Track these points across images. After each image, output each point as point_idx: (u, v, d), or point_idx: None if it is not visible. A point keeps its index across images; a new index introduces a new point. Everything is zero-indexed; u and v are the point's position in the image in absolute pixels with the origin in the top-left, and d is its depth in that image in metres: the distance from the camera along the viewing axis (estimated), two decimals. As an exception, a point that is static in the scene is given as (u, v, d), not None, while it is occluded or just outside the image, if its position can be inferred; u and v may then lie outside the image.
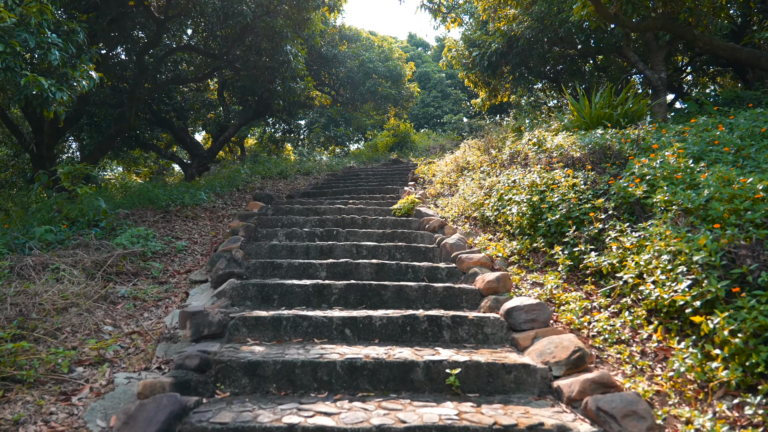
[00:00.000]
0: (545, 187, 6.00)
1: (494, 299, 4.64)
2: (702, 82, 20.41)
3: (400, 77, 19.55)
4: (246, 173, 13.80)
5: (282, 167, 14.94)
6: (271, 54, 12.11)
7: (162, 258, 6.77)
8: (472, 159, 10.05)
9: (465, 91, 32.90)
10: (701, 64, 18.16)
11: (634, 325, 3.88)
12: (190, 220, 8.83)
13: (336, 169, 16.89)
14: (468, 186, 8.35)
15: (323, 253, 6.19)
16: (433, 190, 10.00)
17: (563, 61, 15.16)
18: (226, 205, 10.41)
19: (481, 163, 9.21)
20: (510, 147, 8.44)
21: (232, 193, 11.88)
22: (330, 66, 18.88)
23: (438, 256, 6.19)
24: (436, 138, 27.89)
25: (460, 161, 10.75)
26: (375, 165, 18.52)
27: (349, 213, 8.18)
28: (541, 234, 5.69)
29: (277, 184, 13.61)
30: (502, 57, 14.49)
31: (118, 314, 5.03)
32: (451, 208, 8.06)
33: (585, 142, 6.73)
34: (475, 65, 15.71)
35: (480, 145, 10.72)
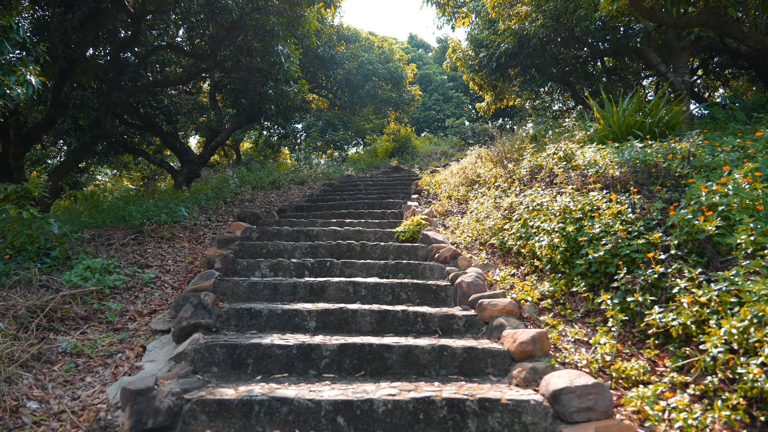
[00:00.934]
0: (582, 213, 4.95)
1: (531, 369, 3.59)
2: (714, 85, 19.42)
3: (401, 80, 18.52)
4: (235, 183, 12.75)
5: (274, 176, 13.90)
6: (262, 54, 11.07)
7: (124, 294, 5.71)
8: (483, 171, 9.01)
9: (467, 94, 31.87)
10: (715, 67, 17.16)
11: (732, 422, 2.83)
12: (166, 242, 7.77)
13: (333, 177, 15.84)
14: (482, 205, 7.31)
15: (313, 292, 5.13)
16: (440, 207, 8.95)
17: (575, 63, 14.14)
18: (209, 222, 9.36)
19: (495, 177, 8.16)
20: (529, 160, 7.39)
21: (218, 207, 10.83)
22: (327, 68, 17.84)
23: (452, 297, 5.14)
24: (437, 143, 26.86)
25: (469, 173, 9.71)
26: (375, 173, 17.48)
27: (346, 237, 7.11)
28: (580, 273, 4.64)
29: (269, 196, 12.57)
30: (511, 58, 13.45)
31: (53, 380, 3.98)
32: (463, 232, 7.02)
33: (624, 157, 5.69)
34: (482, 67, 14.68)
35: (491, 156, 9.67)
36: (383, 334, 4.35)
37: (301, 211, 10.49)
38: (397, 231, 7.04)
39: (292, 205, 10.80)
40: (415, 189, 11.36)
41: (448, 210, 8.66)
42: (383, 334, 4.38)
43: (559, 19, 11.45)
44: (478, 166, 9.83)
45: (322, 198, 11.61)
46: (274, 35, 10.15)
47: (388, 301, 5.08)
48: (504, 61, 13.42)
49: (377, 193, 11.81)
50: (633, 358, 3.64)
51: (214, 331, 4.33)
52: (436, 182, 11.42)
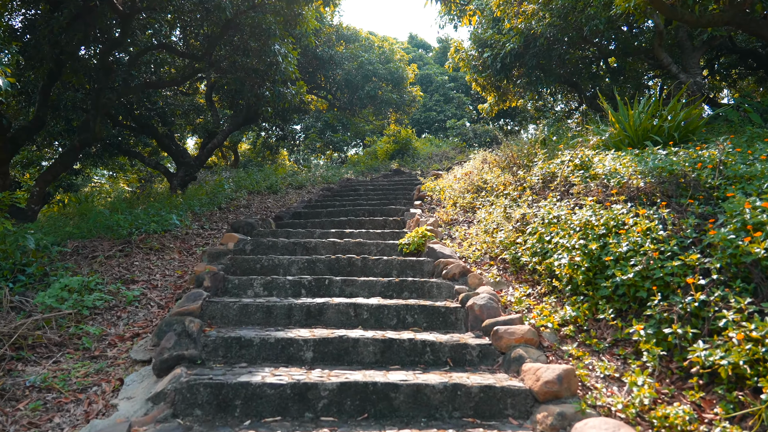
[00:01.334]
0: (605, 229, 4.50)
1: (558, 414, 3.13)
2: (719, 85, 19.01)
3: (402, 80, 18.07)
4: (231, 188, 12.30)
5: (272, 180, 13.44)
6: (259, 55, 10.62)
7: (105, 315, 5.26)
8: (490, 178, 8.56)
9: (468, 95, 31.44)
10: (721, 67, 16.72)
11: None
12: (155, 253, 7.32)
13: (332, 181, 15.39)
14: (491, 215, 6.86)
15: (311, 315, 4.67)
16: (444, 215, 8.50)
17: (579, 64, 13.69)
18: (202, 230, 8.91)
19: (504, 185, 7.71)
20: (541, 167, 6.94)
21: (212, 214, 10.38)
22: (326, 68, 17.40)
23: (463, 321, 4.69)
24: (438, 144, 26.41)
25: (474, 179, 9.25)
26: (375, 176, 17.03)
27: (346, 251, 6.65)
28: (605, 296, 4.19)
29: (266, 201, 12.11)
30: (516, 59, 13.01)
31: (16, 422, 3.52)
32: (472, 244, 6.56)
33: (647, 166, 5.24)
34: (486, 68, 14.24)
35: (498, 161, 9.22)
36: (388, 366, 3.90)
37: (298, 218, 10.04)
38: (400, 243, 6.58)
39: (290, 211, 10.34)
40: (417, 194, 10.91)
41: (453, 219, 8.21)
42: (388, 366, 3.92)
43: (567, 17, 11.00)
44: (484, 172, 9.38)
45: (320, 204, 11.16)
46: (271, 34, 9.70)
47: (393, 325, 4.63)
48: (509, 62, 12.98)
49: (378, 199, 11.36)
50: (675, 401, 3.19)
51: (200, 364, 3.88)
52: (440, 188, 10.97)
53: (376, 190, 12.71)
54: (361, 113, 19.92)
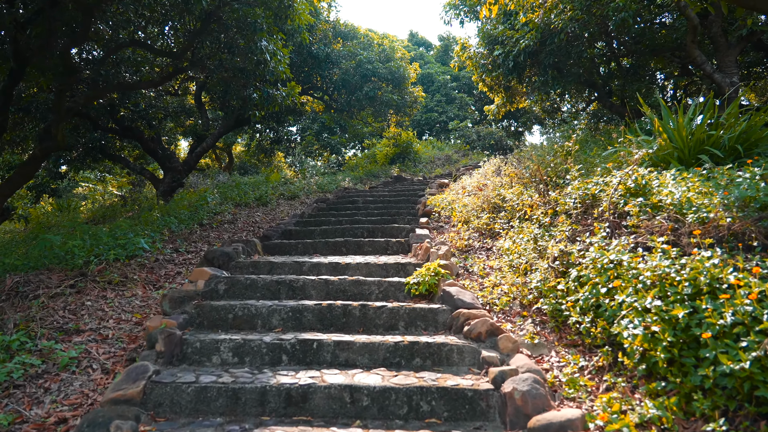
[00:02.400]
0: (692, 287, 3.30)
1: None
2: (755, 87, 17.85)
3: (404, 80, 16.85)
4: (215, 200, 11.08)
5: (261, 191, 12.22)
6: (245, 52, 9.42)
7: (29, 386, 4.06)
8: (510, 195, 7.35)
9: (471, 95, 30.25)
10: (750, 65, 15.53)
11: None
12: (114, 289, 6.12)
13: (328, 189, 14.18)
14: (516, 246, 5.65)
15: (291, 403, 3.46)
16: (457, 239, 7.29)
17: (598, 62, 12.49)
18: (176, 254, 7.71)
19: (531, 206, 6.48)
20: (577, 186, 5.72)
21: (192, 232, 9.18)
22: (322, 67, 16.18)
23: (497, 410, 3.47)
24: (441, 147, 25.23)
25: (490, 195, 8.05)
26: (374, 183, 15.83)
27: (342, 292, 5.40)
28: (702, 387, 3.00)
29: (254, 214, 10.90)
30: (531, 56, 11.81)
31: None
32: (496, 284, 5.35)
33: (732, 195, 4.04)
34: (496, 66, 13.03)
35: (520, 174, 8.02)
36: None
37: (289, 237, 8.85)
38: (408, 283, 5.36)
39: (279, 228, 9.14)
40: (423, 210, 9.70)
41: (468, 245, 7.00)
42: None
43: (591, 10, 9.80)
44: (501, 187, 8.18)
45: (314, 219, 9.94)
46: (257, 29, 8.49)
47: (403, 415, 3.42)
48: (522, 60, 11.77)
49: (378, 214, 10.15)
50: None
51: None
52: (448, 201, 9.78)
53: (376, 203, 11.50)
54: (359, 115, 18.70)
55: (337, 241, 8.10)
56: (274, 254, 8.16)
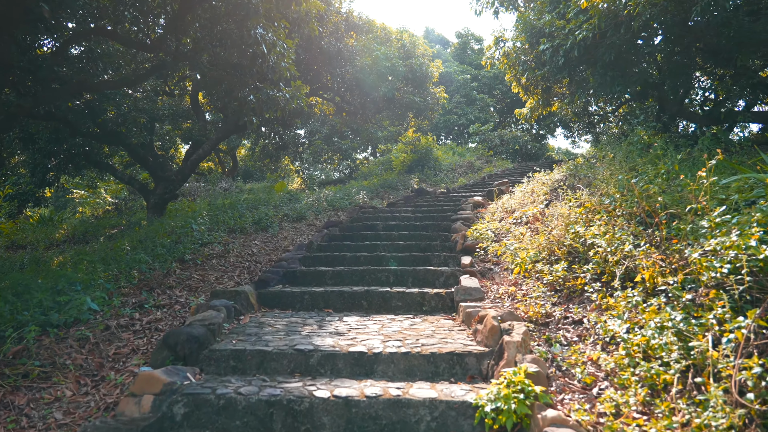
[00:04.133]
0: None
1: None
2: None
3: (426, 79, 14.81)
4: (204, 225, 9.08)
5: (261, 213, 10.20)
6: (237, 43, 7.44)
7: None
8: (599, 240, 5.28)
9: (492, 96, 28.14)
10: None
11: None
12: (29, 388, 4.13)
13: (340, 206, 12.16)
14: (643, 337, 3.59)
15: None
16: (526, 306, 5.23)
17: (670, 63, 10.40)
18: (139, 313, 5.71)
19: (653, 267, 4.38)
20: (732, 245, 3.63)
21: (168, 272, 7.19)
22: (333, 64, 14.18)
23: None
24: (462, 153, 23.17)
25: (560, 234, 6.00)
26: (393, 198, 13.79)
27: (369, 423, 3.36)
28: None
29: (251, 244, 8.90)
30: (587, 52, 9.75)
31: None
32: (628, 417, 3.28)
33: None
34: (541, 64, 10.98)
35: (603, 206, 5.96)
36: None
37: (292, 281, 6.89)
38: (479, 403, 3.30)
39: (280, 269, 7.16)
40: (462, 243, 7.65)
41: (546, 313, 4.93)
42: None
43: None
44: (574, 220, 6.12)
45: (324, 255, 7.92)
46: (250, 12, 6.48)
47: None
48: (577, 56, 9.70)
49: (405, 246, 8.12)
50: None
51: None
52: (493, 232, 7.75)
53: (400, 228, 9.47)
54: (374, 118, 16.68)
55: (356, 291, 6.11)
56: (273, 308, 6.19)
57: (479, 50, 31.52)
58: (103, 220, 16.97)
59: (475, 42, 31.65)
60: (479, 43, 31.62)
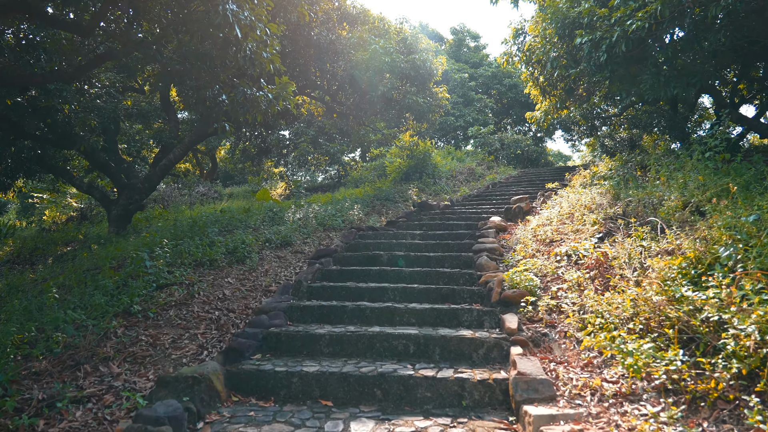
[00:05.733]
0: None
1: None
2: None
3: (430, 77, 12.98)
4: (163, 258, 7.17)
5: (237, 240, 8.27)
6: (205, 26, 5.57)
7: None
8: (708, 301, 3.51)
9: (490, 96, 26.41)
10: None
11: None
12: None
13: (331, 225, 10.30)
14: None
15: None
16: (615, 405, 3.44)
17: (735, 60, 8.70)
18: (42, 426, 3.84)
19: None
20: None
21: (105, 336, 5.32)
22: (324, 59, 12.32)
23: None
24: (461, 158, 21.41)
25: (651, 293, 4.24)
26: (392, 215, 11.97)
27: None
28: None
29: (223, 282, 7.02)
30: (637, 45, 8.00)
31: None
32: None
33: None
34: (574, 61, 9.24)
35: (722, 259, 4.21)
36: None
37: (274, 349, 5.13)
38: None
39: (259, 328, 5.36)
40: (498, 292, 5.84)
41: None
42: None
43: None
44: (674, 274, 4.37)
45: (317, 305, 6.06)
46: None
47: None
48: (625, 51, 7.95)
49: (422, 291, 6.29)
50: None
51: None
52: (540, 278, 5.98)
53: (410, 261, 7.64)
54: (369, 120, 14.84)
55: (365, 375, 4.34)
56: (248, 396, 4.43)
57: (476, 47, 29.81)
58: (60, 232, 14.94)
59: (472, 39, 29.90)
60: (475, 40, 29.89)
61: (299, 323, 5.75)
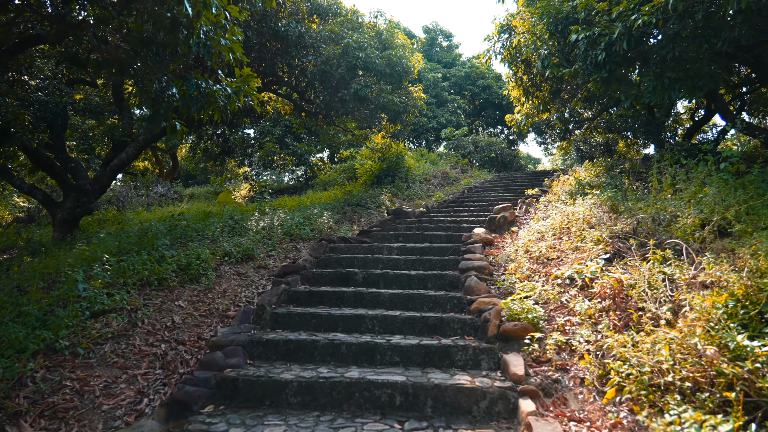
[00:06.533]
0: None
1: None
2: None
3: (407, 75, 12.11)
4: (102, 278, 6.12)
5: (191, 254, 7.23)
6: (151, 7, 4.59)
7: None
8: None
9: (464, 97, 25.73)
10: None
11: None
12: None
13: (300, 235, 9.35)
14: None
15: None
16: None
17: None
18: None
19: None
20: None
21: (20, 382, 4.29)
22: (292, 53, 11.35)
23: None
24: (434, 160, 20.63)
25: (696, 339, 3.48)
26: (365, 223, 11.07)
27: None
28: None
29: (172, 306, 6.03)
30: (640, 43, 7.30)
31: None
32: None
33: None
34: (567, 59, 8.50)
35: None
36: None
37: (230, 399, 4.23)
38: None
39: (210, 375, 4.41)
40: (497, 325, 4.99)
41: None
42: None
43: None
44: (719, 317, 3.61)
45: (282, 335, 5.14)
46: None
47: None
48: (626, 49, 7.22)
49: (405, 321, 5.42)
50: None
51: None
52: (542, 305, 5.17)
53: (388, 281, 6.76)
54: (339, 120, 13.90)
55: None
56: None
57: (448, 47, 29.11)
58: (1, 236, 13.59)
59: (444, 38, 29.19)
60: (448, 39, 29.18)
61: (261, 362, 4.82)
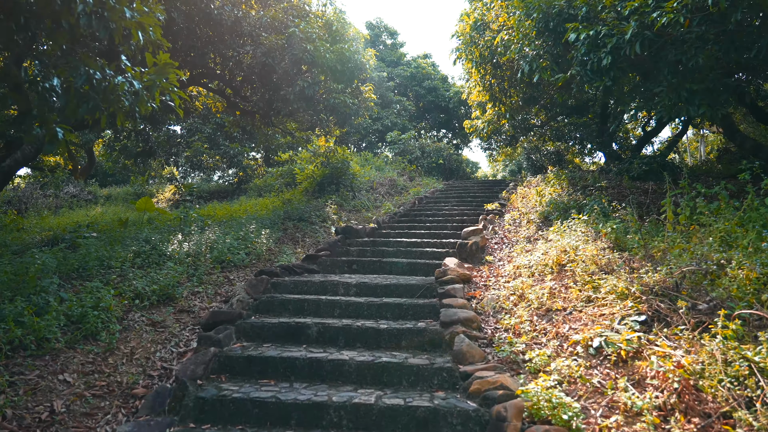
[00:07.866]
0: None
1: None
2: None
3: (359, 72, 10.59)
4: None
5: (87, 301, 5.42)
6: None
7: None
8: None
9: (408, 99, 24.45)
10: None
11: None
12: None
13: (234, 261, 7.67)
14: None
15: None
16: None
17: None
18: None
19: None
20: None
21: None
22: (227, 42, 9.61)
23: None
24: (380, 166, 19.19)
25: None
26: (311, 243, 9.47)
27: None
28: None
29: (53, 384, 4.30)
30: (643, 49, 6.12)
31: None
32: None
33: None
34: (558, 63, 7.25)
35: None
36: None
37: None
38: None
39: None
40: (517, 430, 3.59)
41: None
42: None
43: None
44: None
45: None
46: None
47: None
48: (639, 52, 6.01)
49: (382, 411, 3.93)
50: None
51: None
52: (567, 392, 3.83)
53: (350, 338, 5.24)
54: (279, 121, 12.22)
55: None
56: None
57: (393, 45, 27.77)
58: None
59: (389, 36, 27.83)
60: (393, 37, 27.85)
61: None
